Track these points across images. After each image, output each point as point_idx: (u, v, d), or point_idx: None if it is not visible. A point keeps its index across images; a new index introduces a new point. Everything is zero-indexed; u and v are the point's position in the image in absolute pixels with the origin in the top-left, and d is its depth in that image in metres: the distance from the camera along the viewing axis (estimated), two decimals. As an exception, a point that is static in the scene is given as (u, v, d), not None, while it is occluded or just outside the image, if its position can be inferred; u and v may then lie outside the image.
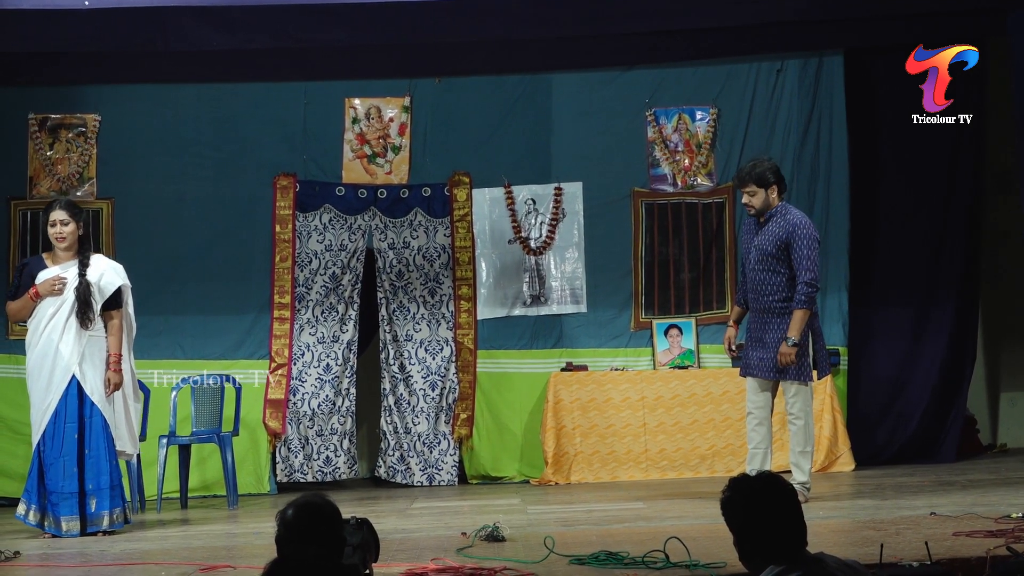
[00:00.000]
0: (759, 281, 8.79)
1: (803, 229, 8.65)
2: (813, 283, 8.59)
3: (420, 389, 11.55)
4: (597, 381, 11.24)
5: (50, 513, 8.35)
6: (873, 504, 8.70)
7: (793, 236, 8.64)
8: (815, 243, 8.68)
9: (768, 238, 8.73)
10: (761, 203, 8.76)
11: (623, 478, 11.06)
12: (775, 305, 8.72)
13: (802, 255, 8.60)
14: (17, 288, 8.62)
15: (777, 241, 8.68)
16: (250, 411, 11.13)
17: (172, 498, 10.53)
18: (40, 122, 11.45)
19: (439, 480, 11.45)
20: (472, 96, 11.80)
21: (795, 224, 8.67)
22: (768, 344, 8.73)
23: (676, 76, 11.79)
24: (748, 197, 8.80)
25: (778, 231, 8.69)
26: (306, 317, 11.54)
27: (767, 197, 8.75)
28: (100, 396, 8.44)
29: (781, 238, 8.67)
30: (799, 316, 8.58)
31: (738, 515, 4.18)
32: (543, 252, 11.73)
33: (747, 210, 8.92)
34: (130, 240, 11.36)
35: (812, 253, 8.63)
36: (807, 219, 8.81)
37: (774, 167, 8.87)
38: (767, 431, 8.87)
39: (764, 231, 8.77)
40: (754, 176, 8.75)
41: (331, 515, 4.52)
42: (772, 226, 8.74)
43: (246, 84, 11.58)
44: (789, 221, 8.69)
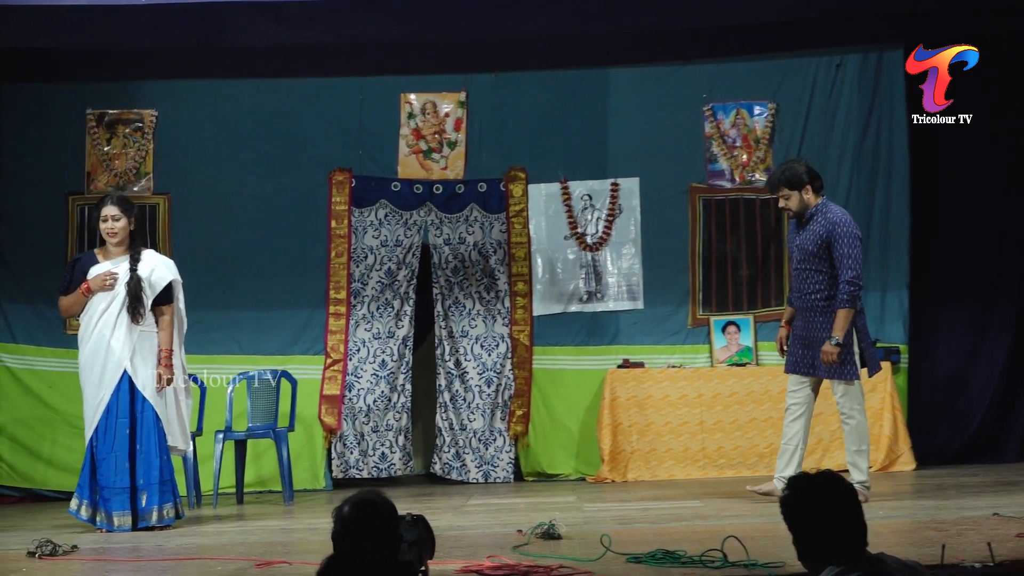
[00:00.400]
0: (802, 280, 8.77)
1: (843, 227, 8.60)
2: (855, 281, 8.53)
3: (476, 385, 11.56)
4: (654, 378, 11.22)
5: (102, 508, 8.40)
6: (934, 504, 8.64)
7: (833, 234, 8.59)
8: (856, 240, 8.62)
9: (809, 237, 8.69)
10: (797, 205, 8.73)
11: (680, 476, 11.03)
12: (818, 304, 8.68)
13: (843, 253, 8.55)
14: (69, 283, 8.66)
15: (818, 240, 8.64)
16: (305, 407, 11.17)
17: (228, 493, 10.58)
18: (98, 118, 11.54)
19: (495, 477, 11.45)
20: (528, 91, 11.80)
21: (835, 222, 8.61)
22: (812, 342, 8.69)
23: (734, 71, 11.75)
24: (783, 201, 8.78)
25: (819, 230, 8.65)
26: (361, 313, 11.57)
27: (802, 198, 8.71)
28: (152, 391, 8.48)
29: (822, 236, 8.63)
30: (842, 315, 8.52)
31: (796, 514, 4.15)
32: (599, 248, 11.71)
33: (786, 214, 8.88)
34: (186, 235, 11.44)
35: (853, 251, 8.57)
36: (847, 216, 8.74)
37: (806, 166, 8.81)
38: (801, 428, 8.84)
39: (806, 230, 8.74)
40: (784, 179, 8.73)
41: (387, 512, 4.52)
42: (813, 225, 8.70)
43: (302, 79, 11.63)
44: (829, 219, 8.64)
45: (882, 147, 11.57)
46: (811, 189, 8.71)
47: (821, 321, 8.65)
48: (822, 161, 11.52)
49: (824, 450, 11.01)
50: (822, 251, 8.63)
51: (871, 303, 11.51)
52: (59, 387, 11.22)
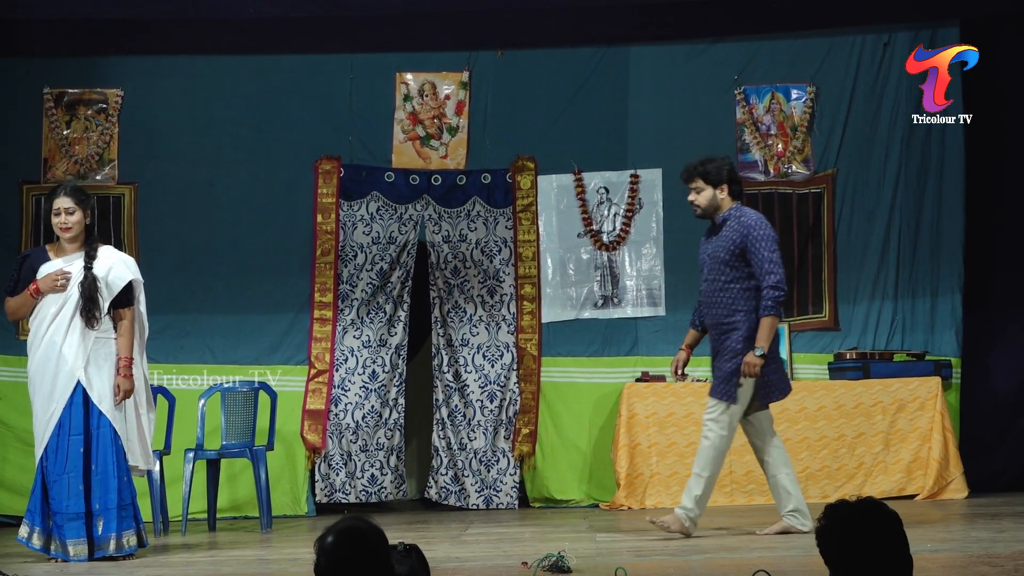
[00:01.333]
0: (714, 293, 8.76)
1: (758, 230, 8.60)
2: (779, 286, 8.51)
3: (477, 400, 11.56)
4: (676, 393, 11.20)
5: (55, 536, 8.32)
6: (989, 536, 8.61)
7: (748, 238, 8.59)
8: (774, 243, 8.61)
9: (721, 244, 8.70)
10: (707, 202, 8.75)
11: (705, 503, 11.02)
12: (731, 320, 8.69)
13: (762, 257, 8.54)
14: (16, 283, 8.53)
15: (731, 246, 8.64)
16: (286, 422, 11.17)
17: (199, 519, 10.58)
18: (56, 97, 11.54)
19: (497, 503, 11.45)
20: (538, 71, 11.81)
21: (749, 225, 8.62)
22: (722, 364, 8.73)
23: (769, 50, 11.75)
24: (694, 194, 8.79)
25: (732, 235, 8.66)
26: (350, 318, 11.57)
27: (715, 197, 8.74)
28: (109, 405, 8.38)
29: (735, 242, 8.63)
30: (767, 324, 8.51)
31: (835, 546, 4.13)
32: (617, 247, 11.71)
33: (694, 210, 8.87)
34: (155, 230, 11.45)
35: (773, 254, 8.56)
36: (763, 219, 8.74)
37: (728, 165, 8.84)
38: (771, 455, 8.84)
39: (717, 237, 8.75)
40: (702, 171, 8.76)
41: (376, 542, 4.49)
42: (725, 231, 8.71)
43: (286, 56, 11.64)
44: (743, 223, 8.65)
45: (934, 136, 11.55)
46: (727, 190, 8.75)
47: (737, 338, 8.66)
48: (866, 151, 11.57)
49: (866, 475, 11.00)
50: (736, 259, 8.63)
51: (919, 311, 11.53)
52: (10, 399, 11.22)
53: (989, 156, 11.60)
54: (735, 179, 8.82)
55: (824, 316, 11.58)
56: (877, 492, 10.66)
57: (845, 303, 11.63)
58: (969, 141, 11.51)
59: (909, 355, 11.34)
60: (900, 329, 11.60)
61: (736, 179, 8.83)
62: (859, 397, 11.09)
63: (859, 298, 11.62)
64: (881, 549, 4.07)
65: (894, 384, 11.10)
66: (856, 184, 11.67)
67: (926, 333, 11.51)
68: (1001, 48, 11.53)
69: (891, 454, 11.06)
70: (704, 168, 8.75)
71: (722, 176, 8.73)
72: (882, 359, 11.29)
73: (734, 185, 8.78)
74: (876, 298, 11.61)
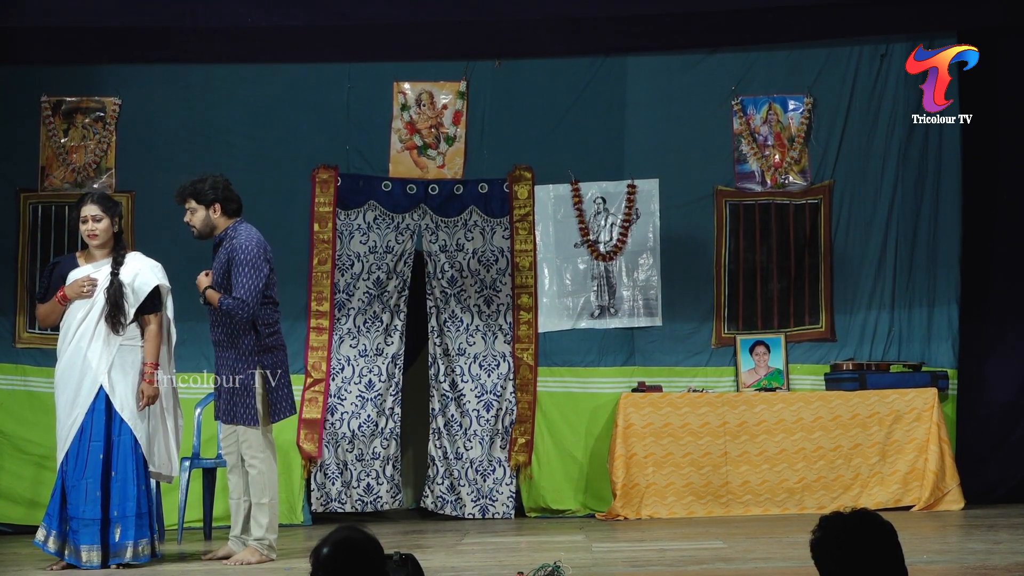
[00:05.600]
0: (210, 312, 8.80)
1: (244, 252, 8.64)
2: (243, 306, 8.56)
3: (473, 410, 11.57)
4: (673, 403, 11.21)
5: (71, 541, 8.34)
6: (985, 548, 8.62)
7: (234, 260, 8.64)
8: (255, 269, 8.62)
9: (216, 264, 8.77)
10: (201, 223, 8.81)
11: (700, 513, 11.03)
12: (222, 339, 8.76)
13: (239, 283, 8.59)
14: (46, 290, 8.64)
15: (221, 267, 8.71)
16: (282, 432, 11.14)
17: (194, 528, 10.58)
18: (54, 105, 11.55)
19: (493, 512, 11.45)
20: (536, 81, 11.82)
21: (236, 247, 8.67)
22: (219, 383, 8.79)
23: (766, 60, 11.77)
24: (189, 215, 8.85)
25: (223, 256, 8.72)
26: (347, 327, 11.58)
27: (208, 217, 8.79)
28: (131, 411, 8.43)
29: (224, 263, 8.70)
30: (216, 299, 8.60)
31: (830, 557, 4.15)
32: (613, 257, 11.72)
33: (191, 231, 8.92)
34: (151, 238, 11.41)
35: (251, 281, 8.58)
36: (255, 241, 8.73)
37: (221, 184, 8.84)
38: (241, 480, 8.90)
39: (215, 258, 8.82)
40: (192, 191, 8.80)
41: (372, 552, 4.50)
42: (220, 252, 8.78)
43: (283, 65, 11.64)
44: (234, 244, 8.70)
45: (931, 146, 11.57)
46: (220, 209, 8.78)
47: (227, 358, 8.73)
48: (863, 161, 11.57)
49: (862, 486, 11.01)
50: (225, 280, 8.68)
51: (916, 322, 11.54)
52: (7, 407, 11.21)
53: (986, 167, 11.62)
54: (230, 197, 8.82)
55: (820, 327, 11.60)
56: (873, 503, 10.67)
57: (842, 314, 11.64)
58: (966, 152, 11.53)
59: (905, 366, 11.35)
60: (897, 340, 11.61)
61: (231, 196, 8.83)
62: (855, 408, 11.10)
63: (856, 309, 11.63)
64: (876, 560, 4.08)
65: (890, 395, 11.10)
66: (853, 195, 11.69)
67: (923, 344, 11.53)
68: (1000, 58, 11.55)
69: (887, 465, 11.07)
70: (194, 188, 8.80)
71: (208, 196, 8.76)
72: (878, 370, 11.30)
73: (229, 203, 8.81)
74: (873, 309, 11.62)
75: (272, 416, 8.78)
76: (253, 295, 8.57)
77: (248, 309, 8.55)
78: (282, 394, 8.80)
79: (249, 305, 8.55)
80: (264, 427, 8.73)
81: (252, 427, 8.67)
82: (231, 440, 8.84)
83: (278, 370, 8.78)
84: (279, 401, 8.77)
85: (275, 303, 8.82)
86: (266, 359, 8.71)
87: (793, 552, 8.24)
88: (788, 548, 8.55)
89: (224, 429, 8.90)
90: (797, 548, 8.30)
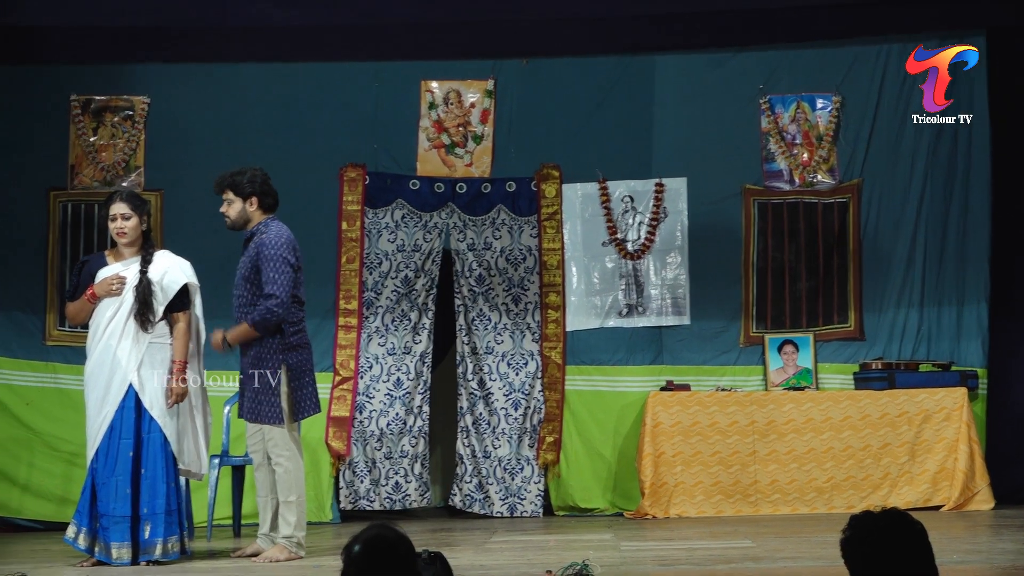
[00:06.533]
0: (238, 308, 8.82)
1: (272, 248, 8.65)
2: (275, 309, 8.56)
3: (501, 408, 11.57)
4: (701, 402, 11.19)
5: (101, 538, 8.36)
6: (1015, 548, 8.60)
7: (261, 256, 8.66)
8: (284, 264, 8.65)
9: (245, 259, 8.79)
10: (236, 214, 8.83)
11: (729, 512, 11.01)
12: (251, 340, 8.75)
13: (269, 278, 8.60)
14: (76, 288, 8.67)
15: (250, 262, 8.72)
16: (311, 429, 11.17)
17: (223, 525, 10.60)
18: (83, 104, 11.58)
19: (521, 511, 11.45)
20: (563, 80, 11.81)
21: (264, 243, 8.68)
22: (244, 382, 8.80)
23: (794, 59, 11.74)
24: (225, 206, 8.87)
25: (252, 251, 8.73)
26: (375, 325, 11.59)
27: (244, 210, 8.80)
28: (160, 409, 8.46)
29: (253, 258, 8.71)
30: (243, 330, 8.61)
31: (860, 557, 4.13)
32: (641, 256, 11.71)
33: (224, 220, 8.93)
34: (180, 236, 11.44)
35: (281, 276, 8.60)
36: (284, 238, 8.75)
37: (260, 178, 8.86)
38: (267, 478, 8.91)
39: (245, 252, 8.83)
40: (230, 182, 8.82)
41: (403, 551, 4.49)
42: (250, 246, 8.79)
43: (311, 64, 11.65)
44: (262, 240, 8.71)
45: (960, 144, 11.54)
46: (257, 203, 8.80)
47: (252, 356, 8.73)
48: (892, 161, 11.55)
49: (891, 486, 10.99)
50: (254, 275, 8.69)
51: (945, 321, 11.50)
52: (37, 404, 11.24)
53: (1016, 165, 11.58)
54: (266, 192, 8.84)
55: (849, 326, 11.57)
56: (902, 503, 10.63)
57: (871, 313, 11.61)
58: (996, 150, 11.50)
59: (935, 365, 11.32)
60: (926, 339, 11.58)
61: (267, 192, 8.84)
62: (884, 407, 11.07)
63: (885, 308, 11.60)
64: (906, 560, 4.07)
65: (920, 394, 11.08)
66: (882, 194, 11.65)
67: (952, 343, 11.50)
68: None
69: (916, 465, 11.04)
70: (233, 180, 8.82)
71: (245, 189, 8.78)
72: (908, 369, 11.27)
73: (266, 198, 8.82)
74: (902, 308, 11.59)
75: (297, 414, 8.79)
76: (285, 290, 8.59)
77: (282, 304, 8.56)
78: (307, 392, 8.81)
79: (282, 300, 8.56)
80: (289, 425, 8.73)
81: (277, 425, 8.68)
82: (257, 438, 8.86)
83: (303, 369, 8.79)
84: (304, 399, 8.78)
85: (301, 302, 8.83)
86: (291, 357, 8.72)
87: (822, 551, 8.22)
88: (817, 547, 8.53)
89: (250, 427, 8.91)
90: (826, 547, 8.29)
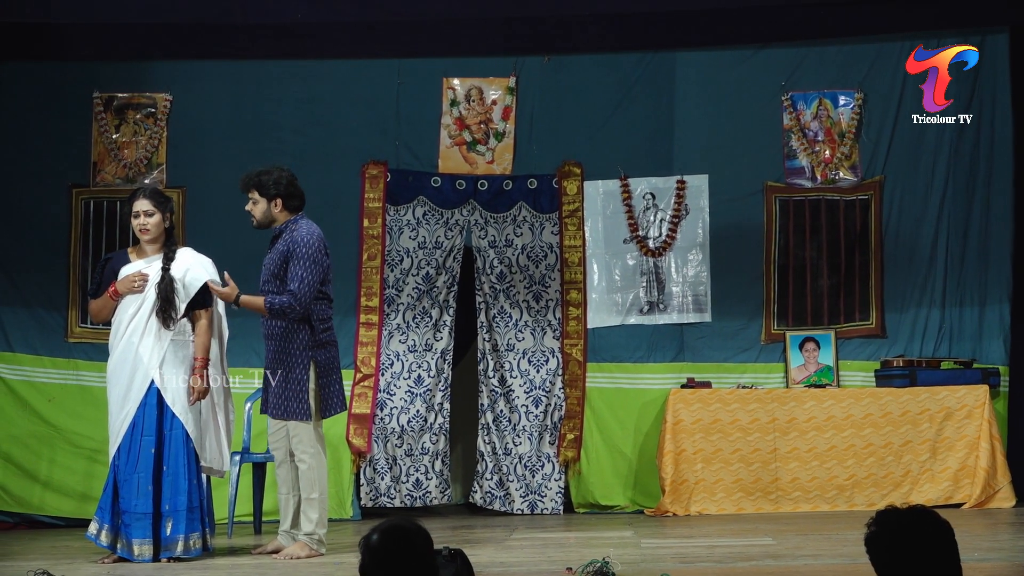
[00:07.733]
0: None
1: (304, 247, 8.64)
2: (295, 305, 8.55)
3: (522, 405, 11.55)
4: (722, 400, 11.17)
5: (122, 535, 8.36)
6: (1037, 546, 8.58)
7: (293, 253, 8.64)
8: (313, 264, 8.63)
9: (273, 256, 8.77)
10: (261, 215, 8.82)
11: (750, 510, 10.99)
12: (276, 331, 8.72)
13: (296, 275, 8.58)
14: (99, 286, 8.69)
15: (279, 259, 8.71)
16: (332, 427, 11.15)
17: (245, 522, 10.61)
18: (106, 102, 11.59)
19: (542, 508, 11.44)
20: (585, 77, 11.79)
21: (297, 241, 8.67)
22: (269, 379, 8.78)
23: (817, 56, 11.71)
24: (250, 205, 8.86)
25: (282, 248, 8.71)
26: (396, 322, 11.58)
27: (269, 210, 8.79)
28: (182, 406, 8.47)
29: (283, 255, 8.69)
30: (258, 303, 8.60)
31: (884, 554, 4.11)
32: (663, 253, 11.69)
33: (250, 219, 8.93)
34: (202, 233, 11.44)
35: (309, 275, 8.58)
36: (315, 237, 8.74)
37: (286, 179, 8.83)
38: (288, 474, 8.90)
39: (272, 249, 8.82)
40: (256, 182, 8.81)
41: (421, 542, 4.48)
42: (279, 243, 8.76)
43: (333, 61, 11.65)
44: (293, 238, 8.70)
45: (982, 142, 11.51)
46: (282, 204, 8.79)
47: (280, 352, 8.71)
48: (914, 158, 11.51)
49: (912, 483, 10.95)
50: (282, 271, 8.67)
51: (967, 318, 11.46)
52: (59, 401, 11.26)
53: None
54: (292, 193, 8.82)
55: (871, 323, 11.53)
56: (924, 500, 10.59)
57: (892, 310, 11.57)
58: (1018, 148, 11.45)
59: (956, 363, 11.28)
60: (947, 337, 11.54)
61: (294, 192, 8.83)
62: (906, 405, 11.04)
63: (906, 305, 11.56)
64: (932, 558, 4.04)
65: (941, 392, 11.04)
66: (904, 191, 11.62)
67: (974, 341, 11.46)
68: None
69: (938, 462, 11.00)
70: (259, 180, 8.82)
71: (270, 190, 8.77)
72: (929, 367, 11.23)
73: (291, 199, 8.81)
74: (923, 305, 11.55)
75: (323, 412, 8.79)
76: (307, 289, 8.57)
77: (301, 303, 8.56)
78: (334, 390, 8.81)
79: (302, 299, 8.55)
80: (315, 422, 8.73)
81: (304, 422, 8.68)
82: (280, 435, 8.85)
83: (331, 366, 8.79)
84: (331, 397, 8.78)
85: (329, 299, 8.83)
86: (319, 354, 8.71)
87: (843, 549, 8.20)
88: (838, 545, 8.51)
89: (273, 424, 8.90)
90: (847, 545, 8.28)
